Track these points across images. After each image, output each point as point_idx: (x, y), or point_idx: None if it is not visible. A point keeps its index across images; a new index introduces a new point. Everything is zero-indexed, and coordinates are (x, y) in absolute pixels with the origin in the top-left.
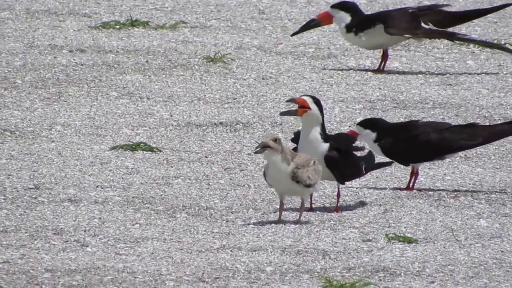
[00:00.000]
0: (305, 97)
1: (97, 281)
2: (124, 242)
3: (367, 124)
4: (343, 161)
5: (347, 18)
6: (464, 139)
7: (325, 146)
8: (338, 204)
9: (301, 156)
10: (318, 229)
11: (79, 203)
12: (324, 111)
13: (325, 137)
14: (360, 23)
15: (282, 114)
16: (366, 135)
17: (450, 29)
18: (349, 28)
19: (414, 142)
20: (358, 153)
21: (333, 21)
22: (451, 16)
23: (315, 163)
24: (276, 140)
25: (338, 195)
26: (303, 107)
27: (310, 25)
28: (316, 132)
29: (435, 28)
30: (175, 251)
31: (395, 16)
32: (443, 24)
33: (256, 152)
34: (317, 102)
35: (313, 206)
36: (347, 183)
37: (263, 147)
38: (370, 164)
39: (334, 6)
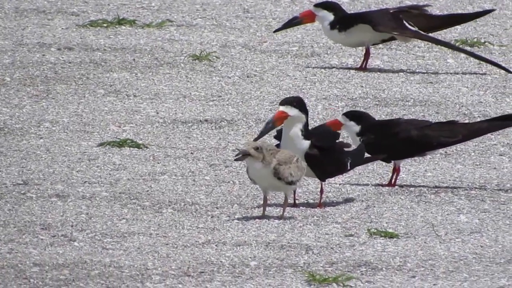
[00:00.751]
0: (281, 108)
1: (84, 275)
2: (111, 237)
3: (352, 116)
4: (324, 158)
5: (330, 16)
6: (444, 136)
7: (306, 143)
8: (322, 200)
9: (284, 153)
10: (302, 224)
11: (67, 198)
12: (307, 109)
13: (306, 134)
14: (344, 21)
15: (260, 137)
16: (350, 126)
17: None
18: (332, 26)
19: (396, 139)
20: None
21: (316, 20)
22: (435, 19)
23: (298, 160)
24: (257, 148)
25: (321, 191)
26: (279, 119)
27: (293, 22)
28: (297, 128)
29: (423, 33)
30: (161, 246)
31: (379, 15)
32: (427, 27)
33: (236, 159)
34: (298, 103)
35: (297, 201)
36: (330, 179)
37: (243, 155)
38: (358, 159)
39: (317, 5)
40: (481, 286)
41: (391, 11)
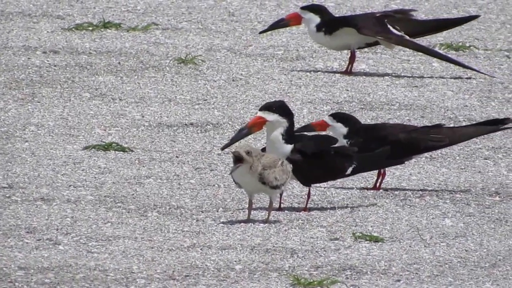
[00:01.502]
0: (259, 113)
1: (69, 278)
2: (96, 241)
3: (340, 117)
4: (308, 164)
5: (316, 19)
6: (431, 140)
7: (288, 148)
8: (307, 205)
9: (269, 157)
10: (287, 228)
11: (52, 202)
12: (292, 113)
13: (288, 138)
14: (329, 24)
15: (230, 144)
16: (337, 128)
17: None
18: (318, 29)
19: (384, 143)
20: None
21: (302, 22)
22: (420, 25)
23: (283, 163)
24: (248, 152)
25: (308, 195)
26: (255, 125)
27: (279, 24)
28: (277, 133)
29: (408, 38)
30: (146, 250)
31: (365, 18)
32: (412, 32)
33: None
34: (278, 108)
35: (282, 205)
36: (318, 184)
37: (238, 161)
38: (369, 164)
39: (304, 8)
40: None
41: (377, 15)
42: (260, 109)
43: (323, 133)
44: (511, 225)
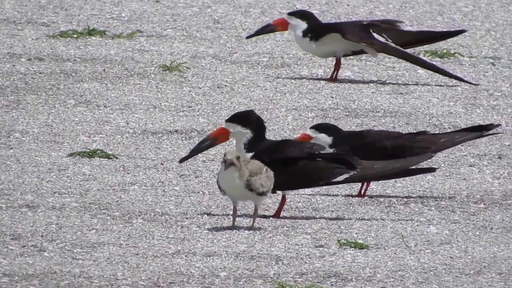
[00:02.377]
0: (225, 125)
1: (54, 285)
2: (81, 247)
3: (322, 128)
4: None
5: (303, 25)
6: (416, 147)
7: (247, 156)
8: (281, 210)
9: (254, 163)
10: (271, 235)
11: (37, 208)
12: (259, 123)
13: (250, 147)
14: (316, 31)
15: (189, 156)
16: (321, 138)
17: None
18: (305, 35)
19: (370, 149)
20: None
21: (289, 28)
22: (406, 35)
23: (267, 170)
24: (238, 158)
25: (281, 202)
26: (219, 136)
27: (265, 30)
28: (241, 143)
29: (393, 45)
30: (131, 256)
31: (350, 25)
32: (397, 43)
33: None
34: (241, 119)
35: (267, 213)
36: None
37: (230, 164)
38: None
39: (291, 14)
40: None
41: (363, 23)
42: (226, 120)
43: None
44: (496, 232)
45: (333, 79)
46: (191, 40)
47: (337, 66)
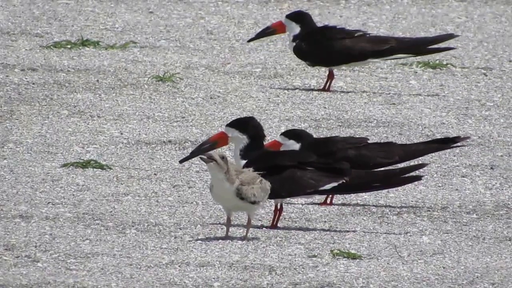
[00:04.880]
0: (224, 129)
1: None
2: (75, 258)
3: (291, 134)
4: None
5: (296, 29)
6: (380, 157)
7: (242, 163)
8: (276, 220)
9: (248, 174)
10: (265, 245)
11: (31, 219)
12: (257, 130)
13: (245, 154)
14: (306, 36)
15: (189, 158)
16: (289, 145)
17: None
18: (294, 39)
19: (333, 158)
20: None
21: (286, 31)
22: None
23: (262, 181)
24: (223, 157)
25: (275, 212)
26: (218, 140)
27: (265, 32)
28: (237, 149)
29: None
30: (124, 267)
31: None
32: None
33: (201, 158)
34: (240, 125)
35: (260, 223)
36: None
37: (208, 158)
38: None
39: (288, 16)
40: None
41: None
42: (226, 125)
43: None
44: (488, 242)
45: (326, 89)
46: (185, 51)
47: (330, 76)
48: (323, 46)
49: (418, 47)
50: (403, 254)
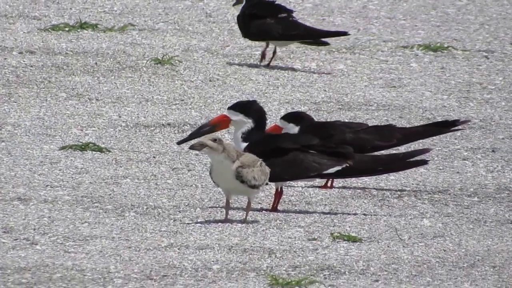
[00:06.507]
0: (225, 112)
1: (46, 278)
2: (73, 240)
3: (290, 117)
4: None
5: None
6: (378, 140)
7: (243, 145)
8: (276, 203)
9: (248, 156)
10: (264, 228)
11: (29, 202)
12: (261, 114)
13: (247, 137)
14: (247, 8)
15: (187, 139)
16: (289, 129)
17: None
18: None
19: (331, 141)
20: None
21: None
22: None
23: (262, 164)
24: (215, 140)
25: (276, 195)
26: (219, 123)
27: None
28: (239, 132)
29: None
30: (123, 249)
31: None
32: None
33: (191, 147)
34: (243, 108)
35: (260, 205)
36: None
37: (200, 145)
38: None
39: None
40: None
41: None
42: (228, 108)
43: None
44: (489, 225)
45: (261, 56)
46: (183, 34)
47: (265, 51)
48: (251, 21)
49: (316, 36)
50: (403, 237)
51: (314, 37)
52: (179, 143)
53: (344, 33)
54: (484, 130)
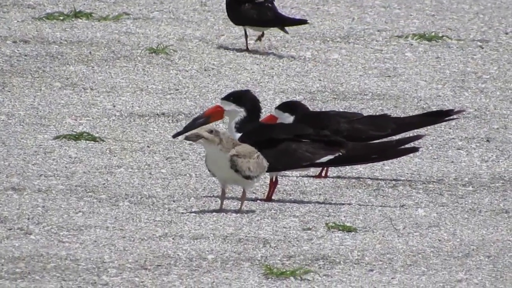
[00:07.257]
0: (220, 102)
1: (40, 268)
2: (67, 230)
3: (285, 107)
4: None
5: None
6: (373, 130)
7: (237, 136)
8: (271, 193)
9: (246, 147)
10: (259, 217)
11: (23, 191)
12: (255, 103)
13: (240, 127)
14: None
15: (183, 132)
16: (284, 118)
17: None
18: None
19: (325, 131)
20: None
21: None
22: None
23: (259, 156)
24: (211, 131)
25: (270, 184)
26: (213, 114)
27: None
28: (233, 122)
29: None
30: (117, 239)
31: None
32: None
33: (186, 138)
34: (236, 98)
35: (255, 195)
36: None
37: (196, 136)
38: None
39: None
40: (439, 280)
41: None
42: (221, 98)
43: None
44: (484, 215)
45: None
46: (178, 23)
47: (245, 35)
48: (232, 7)
49: (282, 23)
50: (398, 227)
51: (281, 24)
52: (174, 136)
53: (304, 21)
54: (478, 119)
